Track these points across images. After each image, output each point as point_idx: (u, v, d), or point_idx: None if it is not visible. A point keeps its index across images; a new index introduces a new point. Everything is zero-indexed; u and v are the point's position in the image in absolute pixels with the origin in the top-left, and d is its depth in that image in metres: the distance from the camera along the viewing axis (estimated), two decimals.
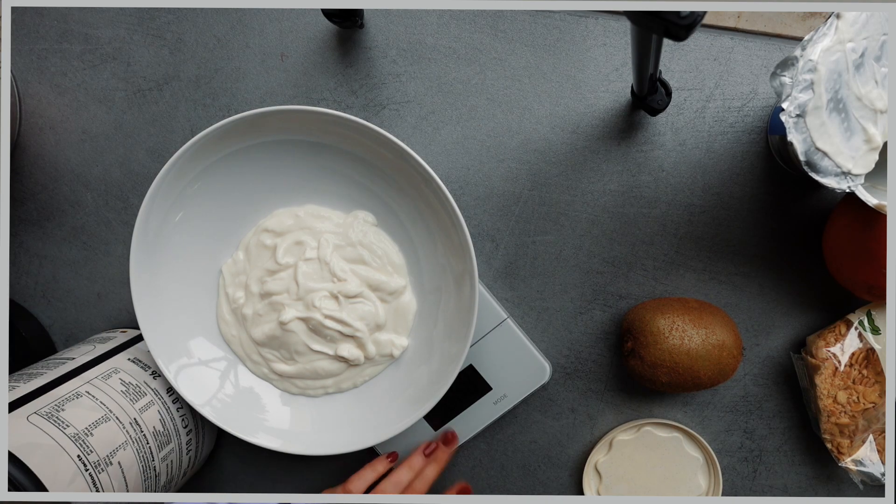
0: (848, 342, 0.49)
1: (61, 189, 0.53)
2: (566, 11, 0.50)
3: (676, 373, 0.47)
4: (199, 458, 0.49)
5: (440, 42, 0.51)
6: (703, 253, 0.52)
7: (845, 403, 0.49)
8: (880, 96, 0.39)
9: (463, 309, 0.46)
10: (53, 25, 0.51)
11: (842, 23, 0.38)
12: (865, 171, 0.39)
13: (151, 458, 0.41)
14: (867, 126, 0.39)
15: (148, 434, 0.42)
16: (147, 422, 0.42)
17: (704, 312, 0.48)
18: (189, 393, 0.47)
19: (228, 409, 0.48)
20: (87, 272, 0.53)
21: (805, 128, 0.38)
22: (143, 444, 0.41)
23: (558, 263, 0.52)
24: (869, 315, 0.49)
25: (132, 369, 0.45)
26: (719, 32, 0.50)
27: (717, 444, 0.53)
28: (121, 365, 0.45)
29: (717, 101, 0.50)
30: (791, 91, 0.38)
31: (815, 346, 0.49)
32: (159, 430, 0.43)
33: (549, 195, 0.51)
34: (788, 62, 0.38)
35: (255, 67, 0.51)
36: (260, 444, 0.47)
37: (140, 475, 0.40)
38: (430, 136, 0.52)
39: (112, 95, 0.52)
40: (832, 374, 0.48)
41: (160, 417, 0.44)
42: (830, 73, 0.38)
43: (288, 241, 0.48)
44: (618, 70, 0.50)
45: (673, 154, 0.51)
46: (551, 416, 0.54)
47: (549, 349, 0.53)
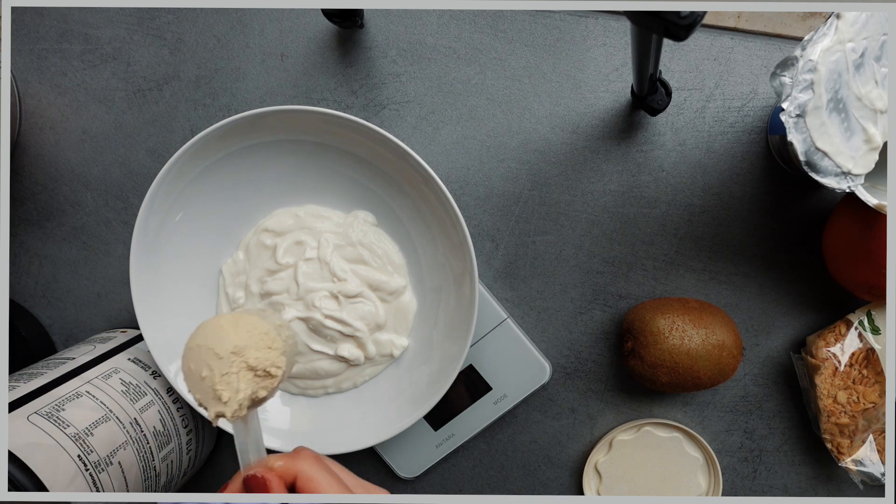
0: (848, 342, 0.49)
1: (61, 189, 0.53)
2: (566, 11, 0.50)
3: (676, 373, 0.47)
4: (199, 457, 0.49)
5: (440, 42, 0.51)
6: (703, 253, 0.52)
7: (845, 403, 0.49)
8: (880, 96, 0.39)
9: (463, 309, 0.46)
10: (53, 25, 0.51)
11: (842, 23, 0.38)
12: (865, 171, 0.39)
13: (151, 457, 0.41)
14: (867, 126, 0.39)
15: (148, 434, 0.42)
16: (147, 422, 0.42)
17: (704, 312, 0.48)
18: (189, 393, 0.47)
19: None
20: (87, 272, 0.53)
21: (805, 128, 0.38)
22: (143, 444, 0.41)
23: (558, 263, 0.52)
24: (869, 315, 0.49)
25: (132, 369, 0.45)
26: (719, 32, 0.50)
27: (717, 444, 0.53)
28: (121, 365, 0.45)
29: (717, 101, 0.50)
30: (791, 91, 0.38)
31: (815, 346, 0.49)
32: (159, 429, 0.43)
33: (549, 195, 0.52)
34: (788, 62, 0.38)
35: (255, 67, 0.51)
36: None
37: (140, 475, 0.40)
38: (430, 136, 0.52)
39: (112, 95, 0.52)
40: (832, 374, 0.48)
41: (160, 417, 0.43)
42: (830, 73, 0.38)
43: (288, 241, 0.48)
44: (618, 70, 0.50)
45: (673, 154, 0.51)
46: (551, 416, 0.54)
47: (549, 349, 0.53)
